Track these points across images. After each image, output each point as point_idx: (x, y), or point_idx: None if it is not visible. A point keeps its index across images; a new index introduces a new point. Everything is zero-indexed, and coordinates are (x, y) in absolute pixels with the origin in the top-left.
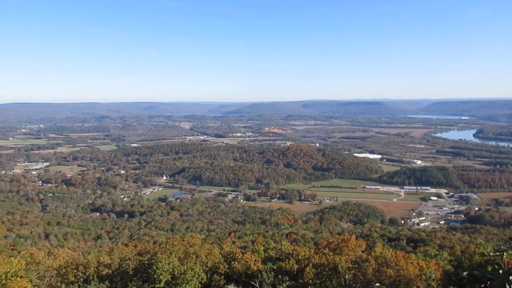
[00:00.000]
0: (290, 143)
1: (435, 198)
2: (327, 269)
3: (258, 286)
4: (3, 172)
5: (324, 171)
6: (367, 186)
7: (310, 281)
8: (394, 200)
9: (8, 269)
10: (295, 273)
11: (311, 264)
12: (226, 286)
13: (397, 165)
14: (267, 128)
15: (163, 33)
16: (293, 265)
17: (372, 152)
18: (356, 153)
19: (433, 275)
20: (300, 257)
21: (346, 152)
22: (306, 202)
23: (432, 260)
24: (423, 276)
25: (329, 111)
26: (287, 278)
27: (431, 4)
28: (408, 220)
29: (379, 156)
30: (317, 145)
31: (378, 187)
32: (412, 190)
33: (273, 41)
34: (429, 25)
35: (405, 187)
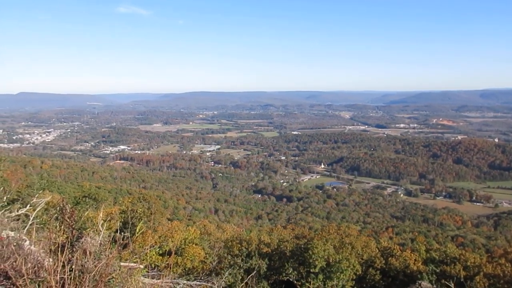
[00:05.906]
0: (461, 136)
1: None
2: (502, 281)
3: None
4: (184, 152)
5: (503, 171)
6: None
7: None
8: None
9: (187, 236)
10: (461, 280)
11: (482, 273)
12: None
13: None
14: (435, 120)
15: (323, 21)
16: (459, 271)
17: None
18: None
19: None
20: (468, 263)
21: None
22: (478, 204)
23: None
24: None
25: None
26: (453, 285)
27: None
28: None
29: None
30: (496, 140)
31: None
32: None
33: (443, 29)
34: None
35: None
